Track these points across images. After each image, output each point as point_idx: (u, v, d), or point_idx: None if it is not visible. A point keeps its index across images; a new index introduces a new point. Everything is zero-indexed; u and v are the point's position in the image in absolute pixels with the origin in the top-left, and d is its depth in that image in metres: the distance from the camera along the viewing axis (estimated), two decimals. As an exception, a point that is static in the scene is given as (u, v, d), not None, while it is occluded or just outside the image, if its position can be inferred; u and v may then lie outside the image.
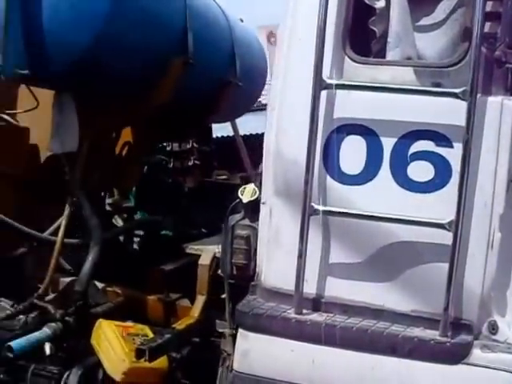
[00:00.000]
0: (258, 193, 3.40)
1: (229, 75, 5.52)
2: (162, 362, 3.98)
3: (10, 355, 3.93)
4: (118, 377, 3.83)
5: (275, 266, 3.25)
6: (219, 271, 3.72)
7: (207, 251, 4.48)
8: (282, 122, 3.21)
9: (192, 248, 4.68)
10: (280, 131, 3.20)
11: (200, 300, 4.40)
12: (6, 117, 5.02)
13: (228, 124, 7.71)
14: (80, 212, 4.68)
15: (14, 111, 5.08)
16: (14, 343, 3.92)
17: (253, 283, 3.35)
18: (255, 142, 9.11)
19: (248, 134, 9.70)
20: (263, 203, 3.30)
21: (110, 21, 4.13)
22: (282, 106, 3.23)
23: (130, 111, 4.80)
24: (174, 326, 4.19)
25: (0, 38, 4.15)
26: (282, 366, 3.14)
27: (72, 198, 4.62)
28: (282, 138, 3.20)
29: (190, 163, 7.89)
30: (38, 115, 4.84)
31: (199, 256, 4.55)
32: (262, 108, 9.87)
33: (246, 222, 3.46)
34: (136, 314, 4.59)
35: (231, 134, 8.38)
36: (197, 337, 4.43)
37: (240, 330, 3.24)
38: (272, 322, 3.12)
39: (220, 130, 8.85)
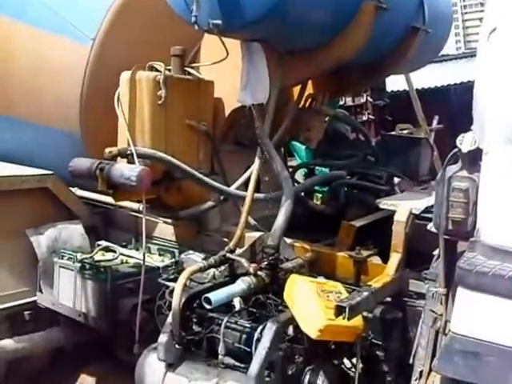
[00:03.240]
0: (477, 142, 3.11)
1: (417, 21, 5.21)
2: (357, 320, 3.81)
3: (209, 307, 3.92)
4: (313, 334, 3.69)
5: (499, 222, 2.96)
6: (429, 226, 3.48)
7: (403, 207, 4.25)
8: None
9: (386, 203, 4.46)
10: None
11: (395, 258, 4.20)
12: (191, 70, 4.97)
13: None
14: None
15: (201, 64, 5.03)
16: (212, 295, 3.90)
17: (472, 239, 3.08)
18: (430, 96, 8.83)
19: (420, 88, 9.32)
20: (486, 154, 3.02)
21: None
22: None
23: (320, 61, 4.63)
24: (370, 283, 4.00)
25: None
26: (508, 329, 2.88)
27: (261, 150, 4.53)
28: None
29: (365, 118, 7.73)
30: (219, 68, 4.77)
31: (392, 212, 4.34)
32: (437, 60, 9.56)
33: (464, 173, 3.18)
34: (324, 271, 4.46)
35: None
36: (390, 296, 4.22)
37: (460, 289, 2.99)
38: (499, 281, 2.84)
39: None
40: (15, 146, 5.78)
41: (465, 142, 3.14)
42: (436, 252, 3.65)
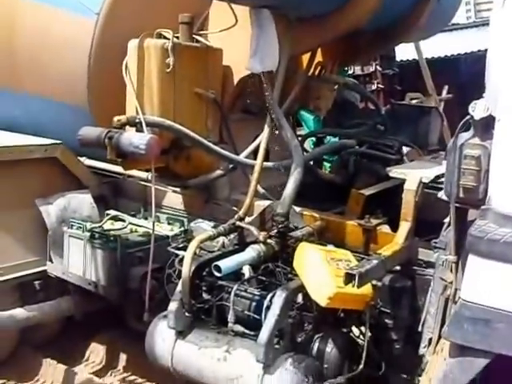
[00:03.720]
0: (490, 109, 3.07)
1: (428, -13, 5.14)
2: (367, 288, 3.80)
3: (219, 274, 3.93)
4: (322, 302, 3.70)
5: (511, 190, 2.94)
6: (439, 194, 3.46)
7: (413, 176, 4.22)
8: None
9: (396, 172, 4.43)
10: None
11: (405, 226, 4.17)
12: (200, 38, 4.93)
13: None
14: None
15: (210, 31, 4.99)
16: (221, 263, 3.91)
17: (483, 207, 3.06)
18: (439, 66, 8.74)
19: (429, 57, 9.22)
20: (498, 121, 2.98)
21: None
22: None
23: (330, 28, 4.58)
24: (379, 252, 3.99)
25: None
26: (519, 297, 2.88)
27: (271, 119, 4.50)
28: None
29: (374, 87, 7.68)
30: (229, 36, 4.73)
31: (402, 181, 4.32)
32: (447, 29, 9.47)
33: (477, 140, 3.14)
34: (334, 239, 4.44)
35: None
36: (399, 265, 4.21)
37: (471, 257, 2.98)
38: (510, 248, 2.83)
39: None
40: (25, 121, 5.75)
41: (477, 109, 3.10)
42: (446, 220, 3.64)
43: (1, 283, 5.12)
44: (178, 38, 4.78)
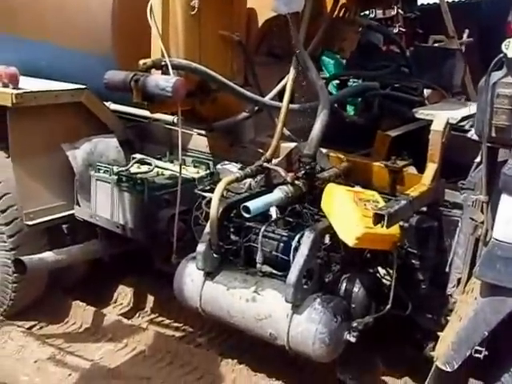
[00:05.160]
0: (523, 46, 3.04)
1: None
2: (394, 229, 3.82)
3: (247, 215, 3.96)
4: (351, 242, 3.72)
5: (544, 128, 2.94)
6: (469, 134, 3.45)
7: (440, 117, 4.20)
8: None
9: (423, 113, 4.41)
10: None
11: (431, 168, 4.15)
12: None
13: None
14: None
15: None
16: (250, 204, 3.93)
17: (519, 146, 3.07)
18: (460, 10, 8.58)
19: (451, 0, 9.06)
20: (532, 58, 2.96)
21: None
22: None
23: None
24: (407, 192, 3.99)
25: None
26: (551, 236, 2.89)
27: (296, 60, 4.47)
28: None
29: (395, 30, 7.59)
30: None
31: (427, 123, 4.30)
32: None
33: (510, 79, 3.12)
34: (360, 181, 4.45)
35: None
36: (426, 206, 4.22)
37: (504, 196, 2.99)
38: (543, 187, 2.85)
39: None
40: (51, 70, 5.68)
41: (511, 48, 3.07)
42: (476, 160, 3.63)
43: (30, 227, 5.18)
44: (202, -21, 4.73)
